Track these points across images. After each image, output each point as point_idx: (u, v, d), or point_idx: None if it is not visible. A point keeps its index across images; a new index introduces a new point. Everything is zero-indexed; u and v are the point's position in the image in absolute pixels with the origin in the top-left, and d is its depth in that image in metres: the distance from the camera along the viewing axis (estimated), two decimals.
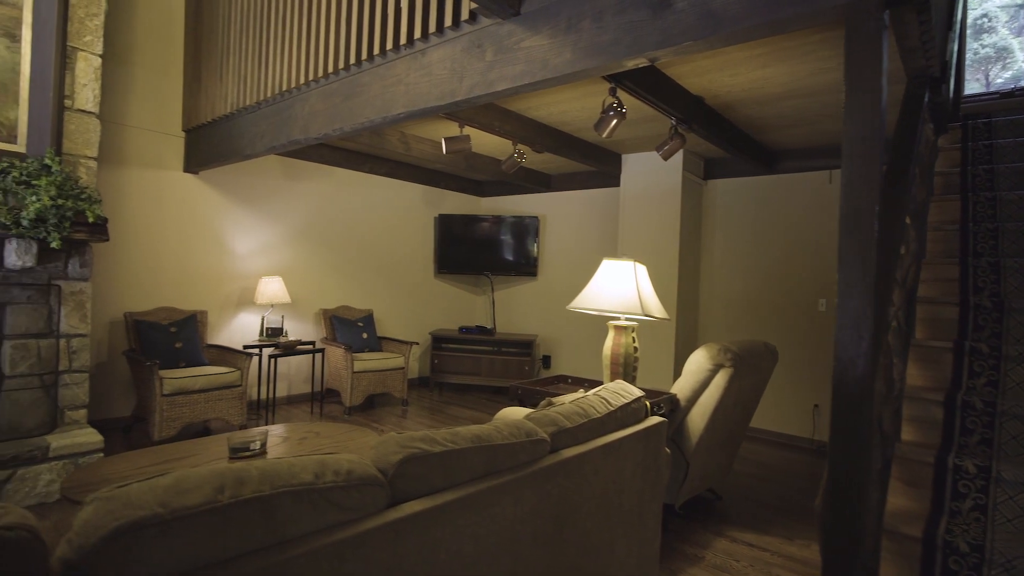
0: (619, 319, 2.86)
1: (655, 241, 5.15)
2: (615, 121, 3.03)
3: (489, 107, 3.95)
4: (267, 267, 5.07)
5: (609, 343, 2.80)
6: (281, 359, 4.96)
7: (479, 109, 3.86)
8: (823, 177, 4.75)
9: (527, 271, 6.56)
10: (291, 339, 4.90)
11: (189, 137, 4.48)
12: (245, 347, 4.55)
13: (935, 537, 1.66)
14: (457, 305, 6.94)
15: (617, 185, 5.65)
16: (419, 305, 6.50)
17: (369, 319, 5.56)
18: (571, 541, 1.71)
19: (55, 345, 3.24)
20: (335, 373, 5.11)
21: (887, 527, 1.74)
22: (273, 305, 4.89)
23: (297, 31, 3.22)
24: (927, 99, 2.52)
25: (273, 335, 4.85)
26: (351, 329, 5.35)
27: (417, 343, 5.80)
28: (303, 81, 3.19)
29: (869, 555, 1.53)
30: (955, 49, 3.16)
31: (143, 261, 4.33)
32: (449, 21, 2.38)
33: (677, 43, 1.76)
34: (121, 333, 4.21)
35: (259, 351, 4.68)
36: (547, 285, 6.54)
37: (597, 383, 3.44)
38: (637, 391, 2.19)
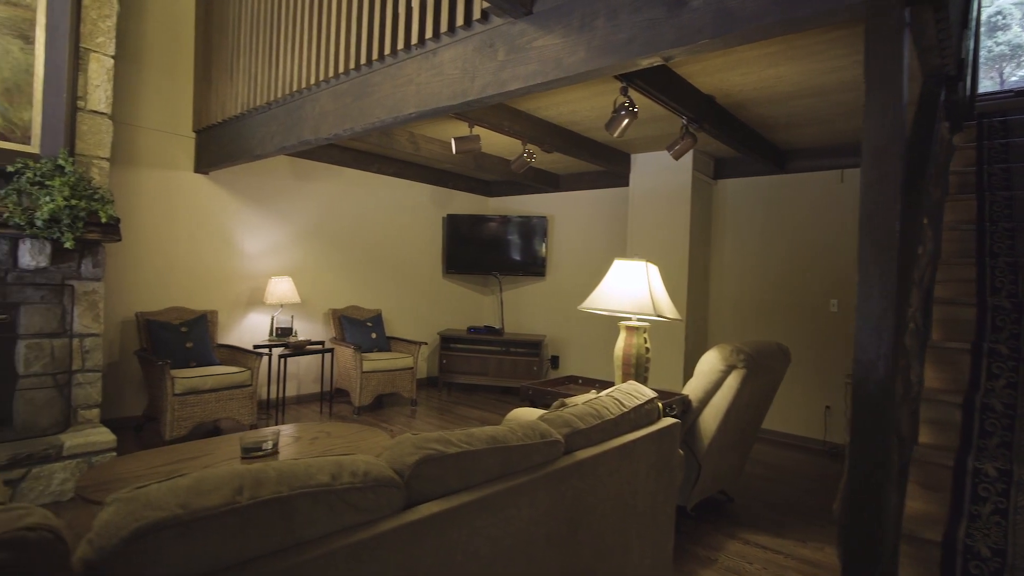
0: (631, 320, 2.84)
1: (665, 241, 5.12)
2: (627, 120, 3.02)
3: (499, 107, 3.95)
4: (277, 267, 5.09)
5: (621, 344, 2.79)
6: (291, 359, 4.97)
7: (489, 109, 3.86)
8: (835, 176, 4.71)
9: (535, 271, 6.55)
10: (301, 339, 4.92)
11: (199, 137, 4.50)
12: (255, 347, 4.57)
13: (955, 541, 1.64)
14: (465, 305, 6.94)
15: (626, 185, 5.63)
16: (427, 305, 6.51)
17: (378, 319, 5.57)
18: (585, 543, 1.70)
19: (68, 345, 3.26)
20: (344, 373, 5.12)
21: (905, 531, 1.72)
22: (283, 305, 4.90)
23: (307, 31, 3.23)
24: (943, 97, 2.49)
25: (283, 335, 4.86)
26: (360, 329, 5.36)
27: (426, 343, 5.80)
28: (313, 81, 3.19)
29: (888, 559, 1.51)
30: (971, 47, 3.13)
31: (154, 261, 4.35)
32: (461, 21, 2.38)
33: (693, 41, 1.74)
34: (133, 333, 4.23)
35: (269, 351, 4.69)
36: (555, 285, 6.52)
37: (608, 384, 3.43)
38: (650, 392, 2.17)
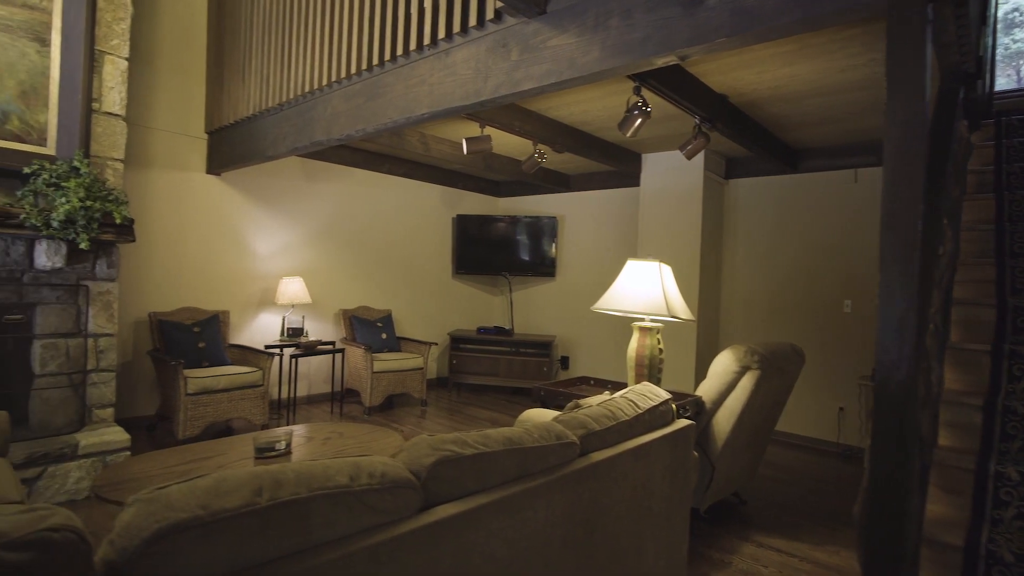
0: (644, 320, 2.83)
1: (676, 241, 5.10)
2: (640, 120, 3.00)
3: (510, 107, 3.94)
4: (288, 267, 5.11)
5: (634, 344, 2.77)
6: (301, 359, 4.99)
7: (500, 109, 3.85)
8: (848, 176, 4.67)
9: (545, 271, 6.53)
10: (312, 339, 4.93)
11: (212, 139, 4.53)
12: (267, 347, 4.59)
13: (977, 546, 1.61)
14: (475, 305, 6.94)
15: (636, 185, 5.61)
16: (437, 305, 6.51)
17: (388, 319, 5.58)
18: (601, 546, 1.68)
19: (83, 345, 3.28)
20: (355, 373, 5.13)
21: (926, 535, 1.69)
22: (294, 305, 4.92)
23: (320, 32, 3.23)
24: (961, 95, 2.46)
25: (294, 335, 4.88)
26: (370, 329, 5.37)
27: (436, 343, 5.81)
28: (326, 82, 3.20)
29: (909, 564, 1.48)
30: (989, 44, 3.08)
31: (166, 261, 4.38)
32: (474, 21, 2.37)
33: (709, 40, 1.73)
34: (145, 333, 4.26)
35: (280, 351, 4.71)
36: (565, 286, 6.51)
37: (620, 384, 3.41)
38: (664, 393, 2.16)
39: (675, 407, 2.19)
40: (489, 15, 2.30)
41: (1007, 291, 2.39)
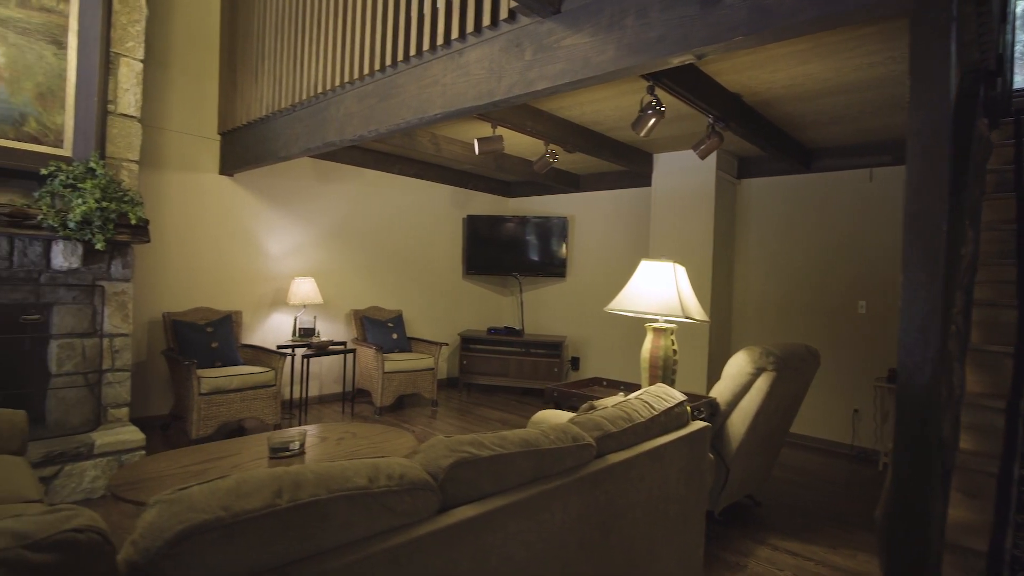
0: (658, 321, 2.81)
1: (688, 242, 5.07)
2: (653, 120, 2.98)
3: (522, 107, 3.93)
4: (299, 268, 5.13)
5: (647, 346, 2.76)
6: (313, 359, 5.01)
7: (511, 109, 3.84)
8: (863, 176, 4.62)
9: (556, 272, 6.52)
10: (323, 339, 4.95)
11: (224, 140, 4.55)
12: (279, 347, 4.61)
13: (1001, 551, 1.58)
14: (485, 306, 6.93)
15: (647, 185, 5.58)
16: (448, 306, 6.52)
17: (399, 320, 5.59)
18: (617, 548, 1.67)
19: (99, 344, 3.31)
20: (366, 373, 5.14)
21: (948, 539, 1.67)
22: (305, 306, 4.94)
23: (332, 34, 3.24)
24: (981, 93, 2.42)
25: (305, 335, 4.90)
26: (381, 330, 5.38)
27: (447, 344, 5.81)
28: (338, 83, 3.20)
29: (932, 569, 1.46)
30: (1009, 41, 3.04)
31: (180, 262, 4.41)
32: (488, 21, 2.36)
33: (726, 39, 1.71)
34: (159, 333, 4.29)
35: (292, 351, 4.72)
36: (576, 286, 6.49)
37: (633, 386, 3.40)
38: (679, 395, 2.14)
39: (689, 409, 2.18)
40: (503, 15, 2.30)
41: None
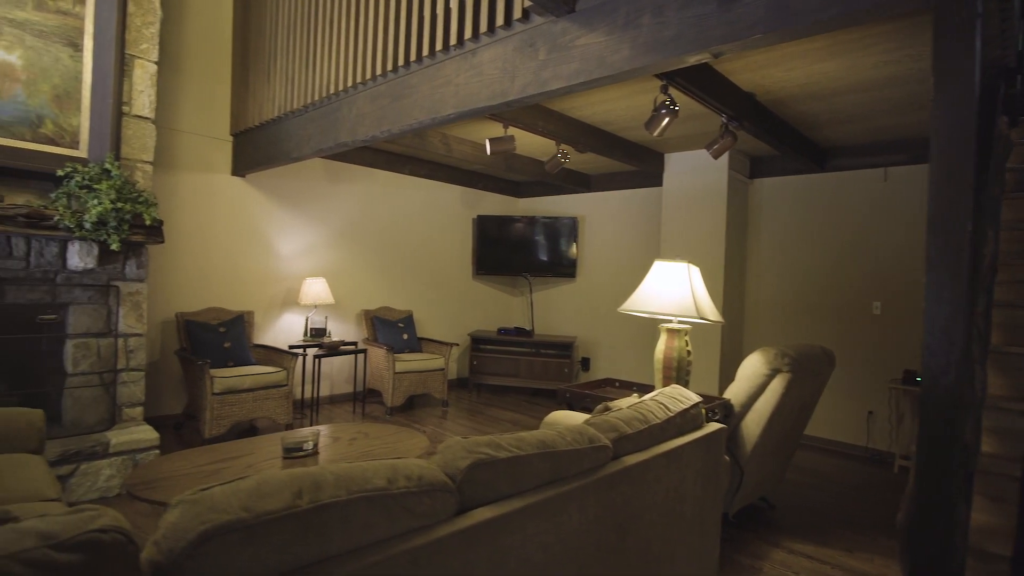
0: (671, 322, 2.79)
1: (699, 242, 5.04)
2: (667, 119, 2.96)
3: (533, 107, 3.92)
4: (311, 268, 5.15)
5: (661, 346, 2.74)
6: (324, 359, 5.02)
7: (523, 109, 3.83)
8: (878, 175, 4.57)
9: (566, 272, 6.50)
10: (334, 339, 4.96)
11: (237, 141, 4.58)
12: (290, 347, 4.62)
13: None
14: (495, 306, 6.93)
15: (658, 185, 5.55)
16: (458, 306, 6.52)
17: (409, 320, 5.59)
18: (633, 551, 1.66)
19: (114, 344, 3.34)
20: (376, 373, 5.15)
21: (972, 545, 1.64)
22: (317, 306, 4.95)
23: (345, 34, 3.25)
24: (1001, 91, 2.38)
25: (317, 335, 4.91)
26: (392, 330, 5.38)
27: (457, 344, 5.81)
28: (351, 84, 3.21)
29: (955, 574, 1.44)
30: None
31: (192, 262, 4.44)
32: (501, 20, 2.36)
33: (745, 37, 1.70)
34: (172, 333, 4.32)
35: (304, 351, 4.74)
36: (586, 286, 6.47)
37: (645, 386, 3.38)
38: (695, 396, 2.13)
39: (704, 410, 2.16)
40: (517, 14, 2.29)
41: None
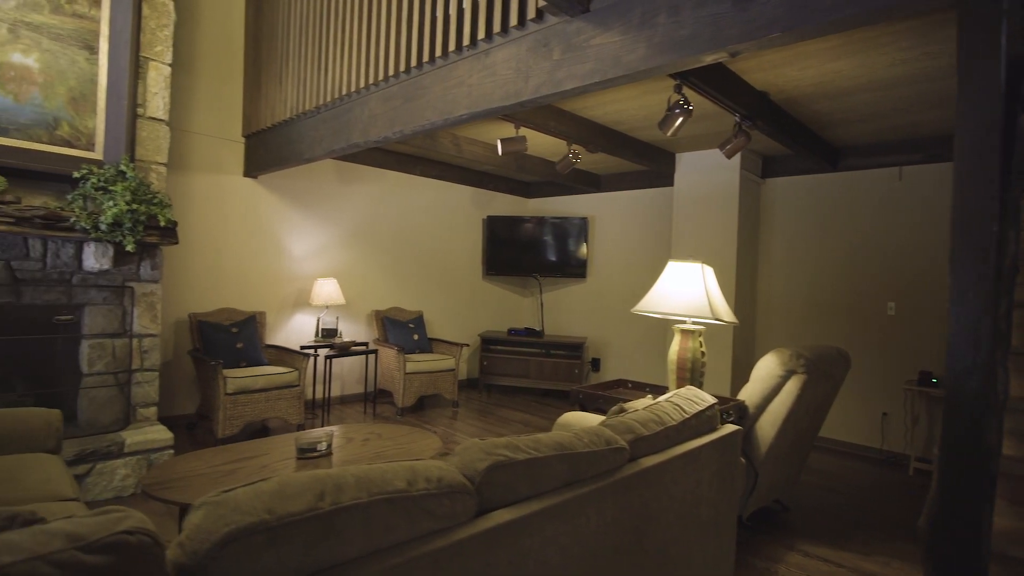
0: (685, 323, 2.77)
1: (711, 242, 5.01)
2: (681, 119, 2.95)
3: (545, 107, 3.92)
4: (322, 269, 5.16)
5: (675, 347, 2.72)
6: (335, 360, 5.04)
7: (535, 109, 3.83)
8: (892, 174, 4.53)
9: (576, 273, 6.49)
10: (345, 340, 4.98)
11: (249, 142, 4.60)
12: (302, 347, 4.64)
13: None
14: (505, 307, 6.93)
15: (669, 185, 5.53)
16: (468, 307, 6.52)
17: (419, 320, 5.60)
18: (650, 553, 1.65)
19: (128, 345, 3.36)
20: (387, 374, 5.16)
21: (995, 549, 1.61)
22: (328, 306, 4.97)
23: (357, 35, 3.25)
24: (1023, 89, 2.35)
25: (328, 336, 4.93)
26: (402, 330, 5.39)
27: (467, 344, 5.81)
28: (363, 85, 3.22)
29: None
30: None
31: (205, 263, 4.46)
32: (515, 20, 2.35)
33: (762, 36, 1.68)
34: (185, 333, 4.35)
35: (315, 352, 4.76)
36: (596, 287, 6.45)
37: (658, 388, 3.36)
38: (710, 398, 2.11)
39: (718, 412, 2.14)
40: (531, 14, 2.28)
41: None
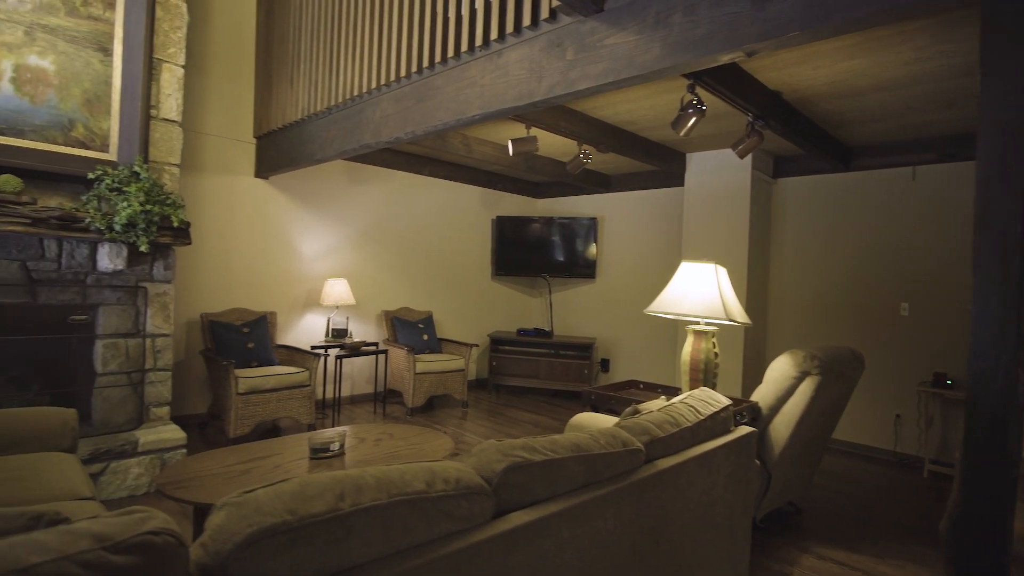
0: (698, 323, 2.76)
1: (722, 242, 4.98)
2: (694, 119, 2.93)
3: (556, 107, 3.91)
4: (332, 269, 5.18)
5: (688, 348, 2.71)
6: (345, 360, 5.05)
7: (547, 110, 3.82)
8: (905, 174, 4.48)
9: (585, 273, 6.47)
10: (356, 340, 4.99)
11: (260, 143, 4.62)
12: (312, 348, 4.66)
13: None
14: (514, 307, 6.92)
15: (679, 185, 5.51)
16: (477, 307, 6.52)
17: (429, 320, 5.61)
18: (666, 555, 1.64)
19: (142, 344, 3.38)
20: (397, 374, 5.17)
21: (1015, 553, 1.59)
22: (338, 306, 4.98)
23: (369, 36, 3.26)
24: None
25: (338, 336, 4.94)
26: (412, 330, 5.40)
27: (477, 345, 5.81)
28: (375, 85, 3.22)
29: None
30: None
31: (216, 263, 4.49)
32: (528, 21, 2.35)
33: (780, 35, 1.67)
34: (197, 333, 4.37)
35: (325, 352, 4.77)
36: (606, 287, 6.43)
37: (669, 388, 3.35)
38: (725, 399, 2.10)
39: (732, 413, 2.13)
40: (544, 15, 2.27)
41: None
